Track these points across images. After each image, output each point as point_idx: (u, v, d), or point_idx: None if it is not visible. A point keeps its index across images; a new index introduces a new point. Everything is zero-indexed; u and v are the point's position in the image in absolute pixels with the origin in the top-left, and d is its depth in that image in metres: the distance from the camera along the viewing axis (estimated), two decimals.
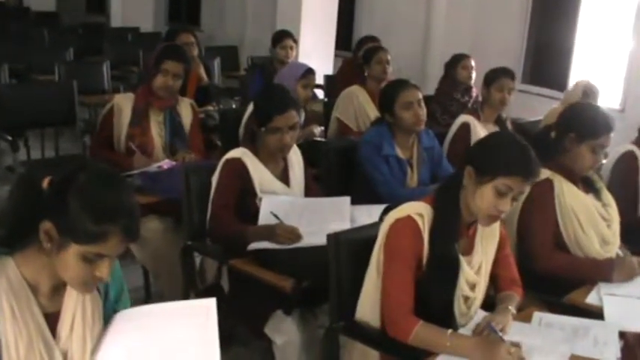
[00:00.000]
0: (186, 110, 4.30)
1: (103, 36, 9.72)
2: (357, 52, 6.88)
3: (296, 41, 6.39)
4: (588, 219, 3.17)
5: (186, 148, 4.14)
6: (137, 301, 2.21)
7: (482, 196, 2.46)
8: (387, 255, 2.52)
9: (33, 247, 1.79)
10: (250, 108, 4.60)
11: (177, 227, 3.80)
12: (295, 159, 3.52)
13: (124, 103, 4.12)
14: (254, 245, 3.08)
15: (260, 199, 3.28)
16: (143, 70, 7.23)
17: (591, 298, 2.92)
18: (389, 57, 5.45)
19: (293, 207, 3.26)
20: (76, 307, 1.88)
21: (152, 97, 4.13)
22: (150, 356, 1.89)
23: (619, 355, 2.48)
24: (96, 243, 1.73)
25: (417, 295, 2.49)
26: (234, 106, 6.11)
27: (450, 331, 2.42)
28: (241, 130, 4.62)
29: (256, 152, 3.37)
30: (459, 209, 2.54)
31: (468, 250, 2.62)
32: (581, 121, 3.19)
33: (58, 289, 1.87)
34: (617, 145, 3.94)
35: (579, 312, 2.79)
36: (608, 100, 6.46)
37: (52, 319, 1.86)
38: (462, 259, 2.55)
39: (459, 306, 2.56)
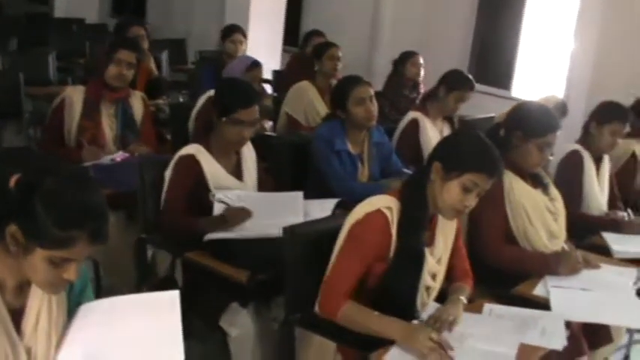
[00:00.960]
0: (137, 103, 4.29)
1: (47, 26, 9.54)
2: (304, 47, 6.93)
3: (245, 35, 6.41)
4: (536, 213, 3.27)
5: (138, 141, 4.14)
6: None
7: (449, 192, 2.54)
8: (348, 243, 2.57)
9: None
10: (201, 102, 4.64)
11: (129, 221, 3.79)
12: (248, 154, 3.54)
13: (75, 95, 4.09)
14: (210, 236, 3.10)
15: (213, 195, 3.29)
16: (89, 62, 7.16)
17: (538, 290, 3.01)
18: (340, 53, 5.51)
19: (246, 202, 3.28)
20: (41, 302, 1.86)
21: (104, 90, 4.11)
22: (114, 349, 1.90)
23: (565, 343, 2.56)
24: (63, 248, 1.71)
25: (380, 287, 2.56)
26: (181, 99, 6.10)
27: (376, 313, 2.49)
28: (191, 124, 4.64)
29: (209, 147, 3.38)
30: (426, 203, 2.60)
31: (430, 242, 2.69)
32: (529, 120, 3.29)
33: (23, 285, 1.86)
34: (562, 144, 4.05)
35: (527, 304, 2.87)
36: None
37: (17, 315, 1.84)
38: (426, 250, 2.62)
39: (421, 296, 2.64)
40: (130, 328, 1.93)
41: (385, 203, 2.59)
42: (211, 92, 4.62)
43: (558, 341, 2.56)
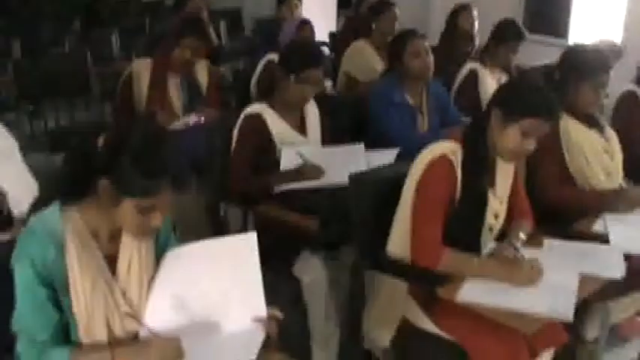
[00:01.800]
0: (202, 72, 4.50)
1: (107, 5, 9.78)
2: (358, 7, 7.01)
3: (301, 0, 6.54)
4: (592, 152, 3.35)
5: (205, 107, 4.33)
6: None
7: (509, 136, 2.65)
8: (422, 191, 2.70)
9: (92, 200, 1.98)
10: (260, 67, 4.82)
11: (200, 184, 3.98)
12: (311, 110, 3.68)
13: (142, 68, 4.31)
14: (281, 188, 3.28)
15: (279, 151, 3.46)
16: (149, 38, 7.38)
17: (597, 227, 3.11)
18: (397, 11, 5.61)
19: (311, 155, 3.43)
20: (132, 249, 2.08)
21: (170, 66, 4.31)
22: (200, 292, 2.09)
23: (623, 273, 2.68)
24: (149, 196, 1.91)
25: (447, 229, 2.69)
26: (241, 66, 6.27)
27: (475, 258, 2.65)
28: (253, 88, 4.81)
29: (273, 105, 3.53)
30: (487, 148, 2.72)
31: (492, 183, 2.80)
32: (581, 61, 3.36)
33: (116, 235, 2.07)
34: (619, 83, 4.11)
35: (586, 240, 2.97)
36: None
37: (112, 261, 2.06)
38: (490, 192, 2.75)
39: (485, 234, 2.78)
40: (214, 271, 2.13)
41: (449, 148, 2.71)
42: (270, 57, 4.81)
43: (617, 272, 2.68)
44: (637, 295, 3.13)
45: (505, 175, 2.86)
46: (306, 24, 5.19)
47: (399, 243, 2.78)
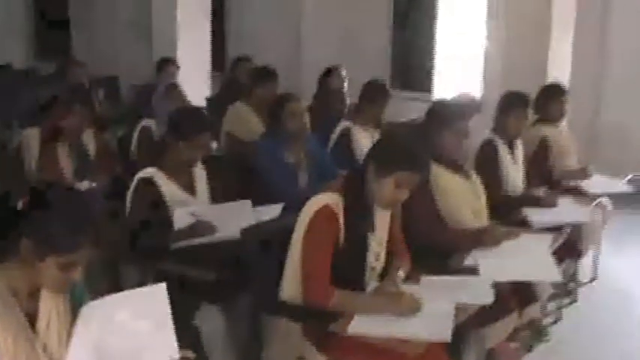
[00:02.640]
0: (89, 138, 4.76)
1: None
2: (234, 71, 7.31)
3: (178, 66, 6.77)
4: (460, 196, 3.74)
5: (95, 173, 4.50)
6: None
7: (384, 187, 2.95)
8: (309, 239, 2.95)
9: (12, 260, 2.12)
10: (136, 134, 5.05)
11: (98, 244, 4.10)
12: (199, 171, 3.88)
13: (32, 137, 4.51)
14: (178, 244, 3.46)
15: (172, 211, 3.63)
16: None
17: (468, 261, 3.46)
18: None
19: (202, 213, 3.63)
20: (51, 306, 2.21)
21: (59, 134, 4.51)
22: (117, 341, 2.24)
23: (493, 299, 3.02)
24: (72, 252, 2.08)
25: (334, 271, 2.94)
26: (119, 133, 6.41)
27: (361, 294, 2.95)
28: (133, 153, 5.02)
29: (163, 168, 3.71)
30: (365, 197, 3.01)
31: (371, 228, 3.09)
32: (443, 113, 3.76)
33: (34, 293, 2.20)
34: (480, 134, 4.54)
35: (459, 274, 3.31)
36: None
37: (31, 318, 2.19)
38: (370, 236, 3.04)
39: (368, 275, 3.06)
40: (129, 320, 2.28)
41: (331, 198, 2.98)
42: (144, 123, 5.06)
43: (487, 298, 3.01)
44: (507, 319, 3.50)
45: (383, 221, 3.15)
46: (174, 87, 5.41)
47: (291, 287, 3.01)
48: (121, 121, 7.28)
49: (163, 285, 2.34)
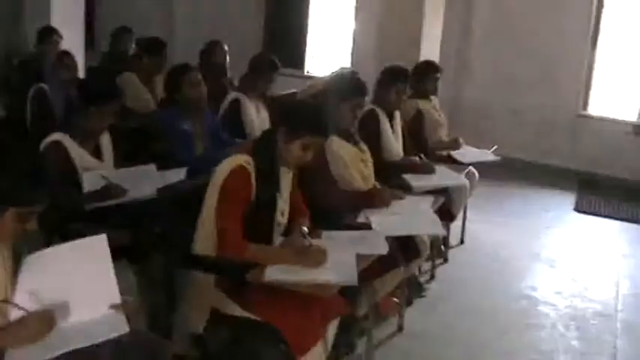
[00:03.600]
0: None
1: None
2: (116, 41, 7.37)
3: (61, 36, 6.78)
4: (351, 162, 4.10)
5: None
6: None
7: (293, 150, 3.25)
8: (224, 195, 3.18)
9: None
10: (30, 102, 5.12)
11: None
12: (105, 138, 4.02)
13: None
14: (92, 205, 3.60)
15: (81, 175, 3.76)
16: None
17: (360, 219, 3.85)
18: None
19: (111, 177, 3.78)
20: None
21: None
22: (60, 286, 2.41)
23: (387, 250, 3.41)
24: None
25: (246, 226, 3.19)
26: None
27: (272, 247, 3.24)
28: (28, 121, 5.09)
29: (72, 134, 3.83)
30: (275, 159, 3.28)
31: (278, 188, 3.35)
32: (344, 83, 4.09)
33: None
34: None
35: (355, 229, 3.67)
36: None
37: None
38: (277, 195, 3.31)
39: (275, 230, 3.34)
40: (71, 268, 2.46)
41: (244, 160, 3.23)
42: (39, 86, 5.17)
43: (382, 249, 3.39)
44: (394, 272, 3.90)
45: (287, 181, 3.44)
46: (67, 54, 5.51)
47: (204, 242, 3.25)
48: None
49: (104, 236, 2.51)
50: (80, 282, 2.46)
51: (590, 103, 9.34)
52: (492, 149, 5.99)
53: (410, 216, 3.91)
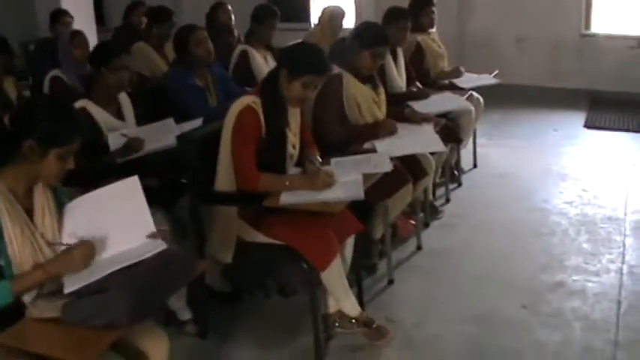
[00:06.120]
0: (10, 86, 5.12)
1: None
2: (129, 16, 7.61)
3: (72, 16, 7.05)
4: (364, 102, 4.38)
5: None
6: None
7: (294, 89, 3.50)
8: (237, 134, 3.47)
9: (12, 164, 2.54)
10: (47, 84, 5.41)
11: None
12: (124, 99, 4.30)
13: None
14: (121, 159, 3.89)
15: (107, 136, 4.05)
16: None
17: (366, 145, 4.16)
18: None
19: (132, 134, 4.06)
20: (43, 203, 2.65)
21: None
22: (102, 225, 2.67)
23: (391, 168, 3.70)
24: (70, 143, 2.53)
25: (260, 160, 3.48)
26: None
27: (283, 176, 3.51)
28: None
29: (93, 100, 4.11)
30: (279, 97, 3.55)
31: (287, 123, 3.63)
32: (368, 32, 4.36)
33: (28, 192, 2.63)
34: None
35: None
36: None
37: (29, 213, 2.62)
38: (287, 129, 3.60)
39: (288, 161, 3.63)
40: (108, 209, 2.72)
41: (251, 100, 3.52)
42: (53, 73, 5.50)
43: (386, 168, 3.69)
44: (404, 190, 4.19)
45: (295, 117, 3.72)
46: (78, 34, 5.77)
47: (224, 179, 3.55)
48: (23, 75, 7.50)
49: (135, 177, 2.77)
50: (118, 218, 2.70)
51: (593, 22, 9.48)
52: (494, 74, 6.21)
53: (412, 137, 4.22)
